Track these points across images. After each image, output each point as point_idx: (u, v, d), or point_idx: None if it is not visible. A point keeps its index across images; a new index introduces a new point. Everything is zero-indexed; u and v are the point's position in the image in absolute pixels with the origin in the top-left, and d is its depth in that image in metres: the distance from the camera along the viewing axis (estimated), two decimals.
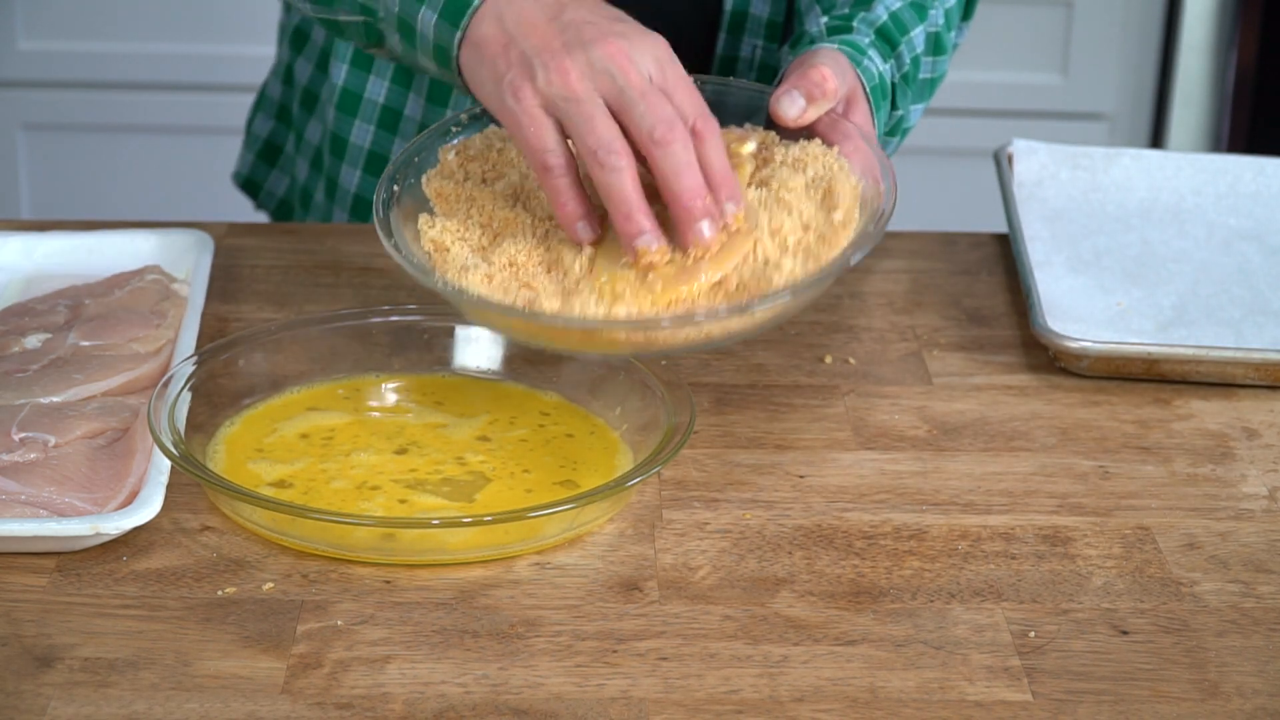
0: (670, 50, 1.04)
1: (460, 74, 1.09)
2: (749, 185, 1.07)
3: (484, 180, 1.10)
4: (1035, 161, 1.41)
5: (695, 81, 1.08)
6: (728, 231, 1.03)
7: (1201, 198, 1.39)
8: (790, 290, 1.01)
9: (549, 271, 1.04)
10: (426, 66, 1.11)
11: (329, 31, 1.22)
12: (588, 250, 1.04)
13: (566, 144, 1.03)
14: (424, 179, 1.10)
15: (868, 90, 1.15)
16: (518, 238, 1.05)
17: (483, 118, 1.13)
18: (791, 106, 1.08)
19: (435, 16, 1.07)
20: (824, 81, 1.09)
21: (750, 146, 1.09)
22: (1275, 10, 2.64)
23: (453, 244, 1.06)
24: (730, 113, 1.14)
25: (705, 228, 1.01)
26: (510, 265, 1.04)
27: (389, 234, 1.06)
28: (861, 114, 1.13)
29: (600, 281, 1.02)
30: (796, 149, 1.09)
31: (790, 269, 1.02)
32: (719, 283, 1.02)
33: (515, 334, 1.04)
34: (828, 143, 1.09)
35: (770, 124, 1.12)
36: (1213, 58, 2.69)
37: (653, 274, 1.02)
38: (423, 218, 1.08)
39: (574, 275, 1.03)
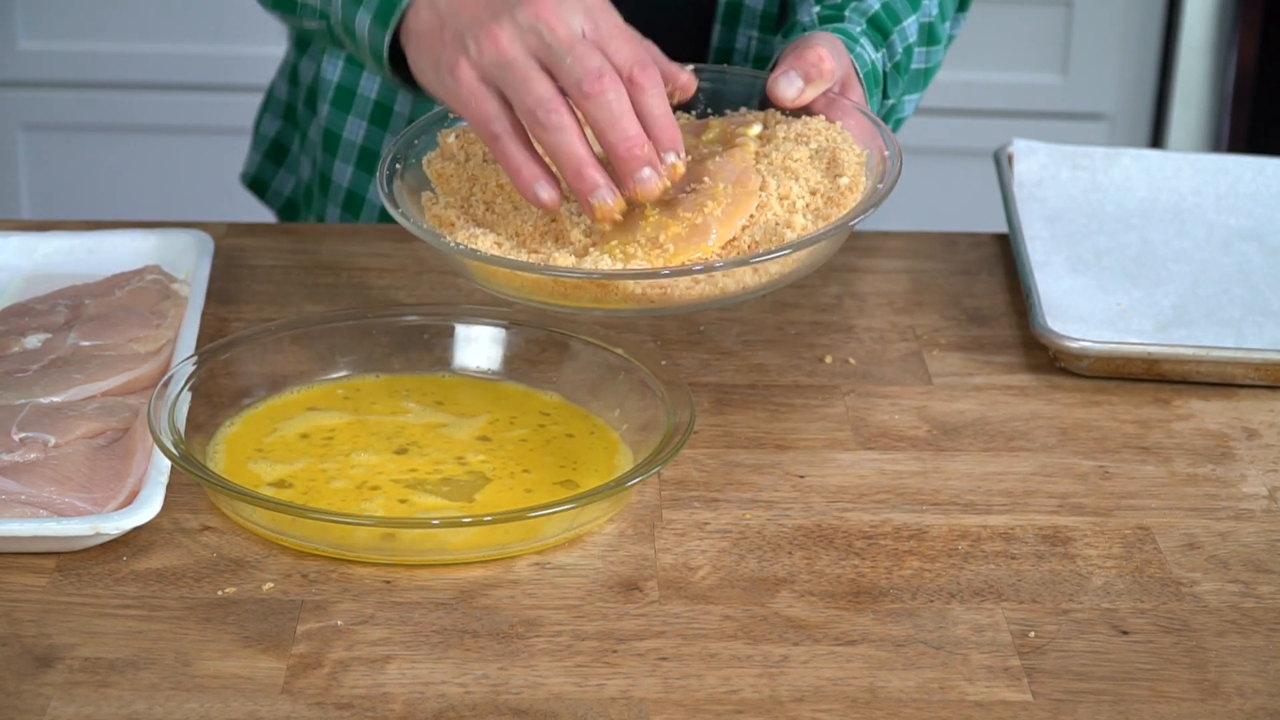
0: (605, 2, 1.04)
1: (397, 73, 1.09)
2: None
3: (485, 160, 1.11)
4: (1035, 161, 1.40)
5: (692, 71, 1.09)
6: (672, 179, 1.03)
7: (1201, 198, 1.39)
8: (799, 242, 1.01)
9: (556, 241, 1.05)
10: (374, 72, 1.12)
11: (298, 32, 1.23)
12: (592, 225, 1.04)
13: (510, 111, 1.02)
14: (425, 161, 1.12)
15: (861, 77, 1.16)
16: (522, 211, 1.06)
17: None
18: (789, 87, 1.09)
19: (370, 18, 1.08)
20: (820, 62, 1.10)
21: (756, 129, 1.10)
22: (1275, 10, 2.64)
23: (457, 219, 1.07)
24: (728, 100, 1.15)
25: (647, 175, 1.01)
26: (516, 236, 1.05)
27: (395, 204, 1.06)
28: (857, 94, 1.14)
29: (611, 244, 1.02)
30: (799, 124, 1.11)
31: (802, 225, 1.03)
32: (732, 242, 1.03)
33: (526, 293, 1.03)
34: (828, 120, 1.10)
35: (767, 107, 1.13)
36: (1213, 58, 2.69)
37: (663, 236, 1.02)
38: (426, 196, 1.09)
39: (581, 245, 1.04)
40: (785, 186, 1.06)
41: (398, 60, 1.10)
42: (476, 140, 1.12)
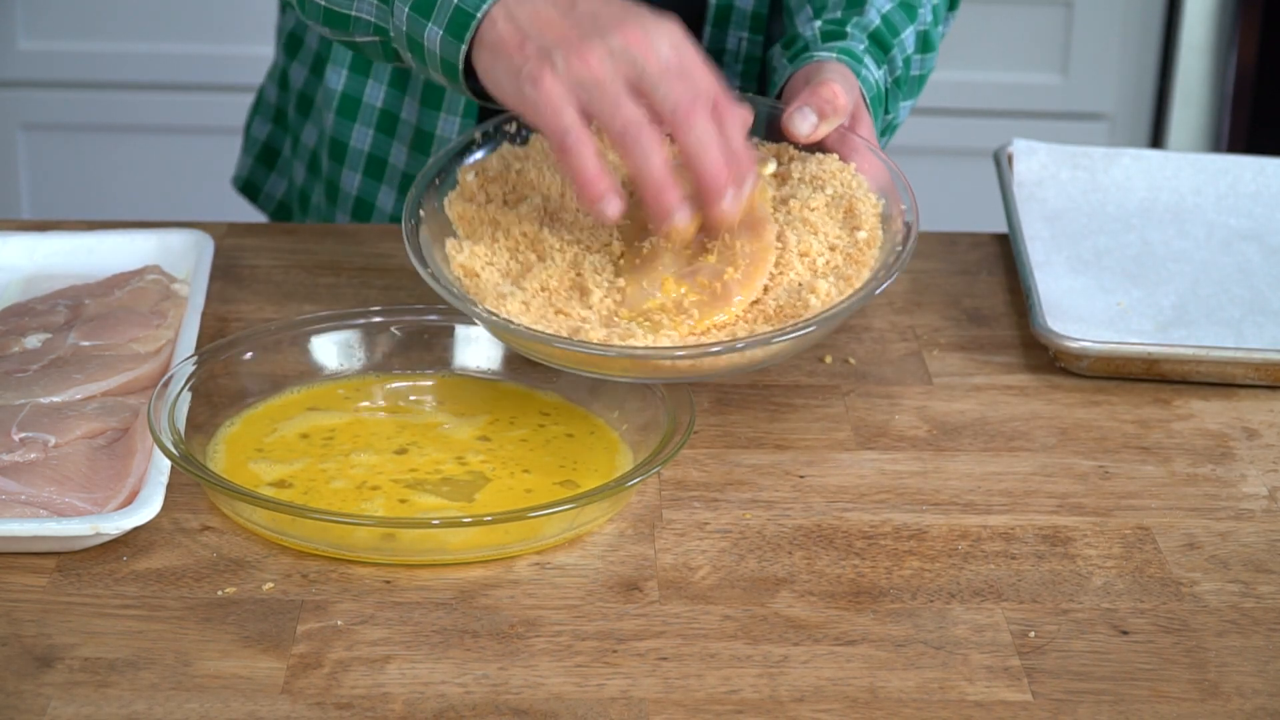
0: (684, 33, 1.06)
1: (470, 86, 1.09)
2: (770, 207, 1.10)
3: (505, 203, 1.12)
4: (1035, 161, 1.41)
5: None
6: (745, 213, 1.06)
7: (1201, 198, 1.39)
8: (825, 317, 1.03)
9: (582, 296, 1.07)
10: (438, 80, 1.12)
11: (350, 50, 1.22)
12: (618, 280, 1.07)
13: (587, 125, 1.04)
14: (445, 201, 1.12)
15: (868, 101, 1.17)
16: (546, 262, 1.08)
17: (497, 136, 1.15)
18: (804, 123, 1.12)
19: (441, 32, 1.08)
20: (835, 98, 1.12)
21: (770, 168, 1.12)
22: (1275, 10, 2.64)
23: (482, 269, 1.08)
24: None
25: (729, 201, 1.04)
26: (543, 290, 1.07)
27: (424, 263, 1.07)
28: (866, 127, 1.16)
29: (639, 316, 1.05)
30: (814, 164, 1.12)
31: (825, 290, 1.05)
32: (757, 304, 1.05)
33: (558, 362, 1.05)
34: (840, 158, 1.11)
35: (774, 137, 1.14)
36: (1213, 58, 2.69)
37: (687, 302, 1.05)
38: (450, 243, 1.10)
39: (604, 303, 1.06)
40: (805, 243, 1.07)
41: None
42: (495, 180, 1.13)
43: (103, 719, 0.87)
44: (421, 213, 1.11)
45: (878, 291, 1.05)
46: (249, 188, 1.59)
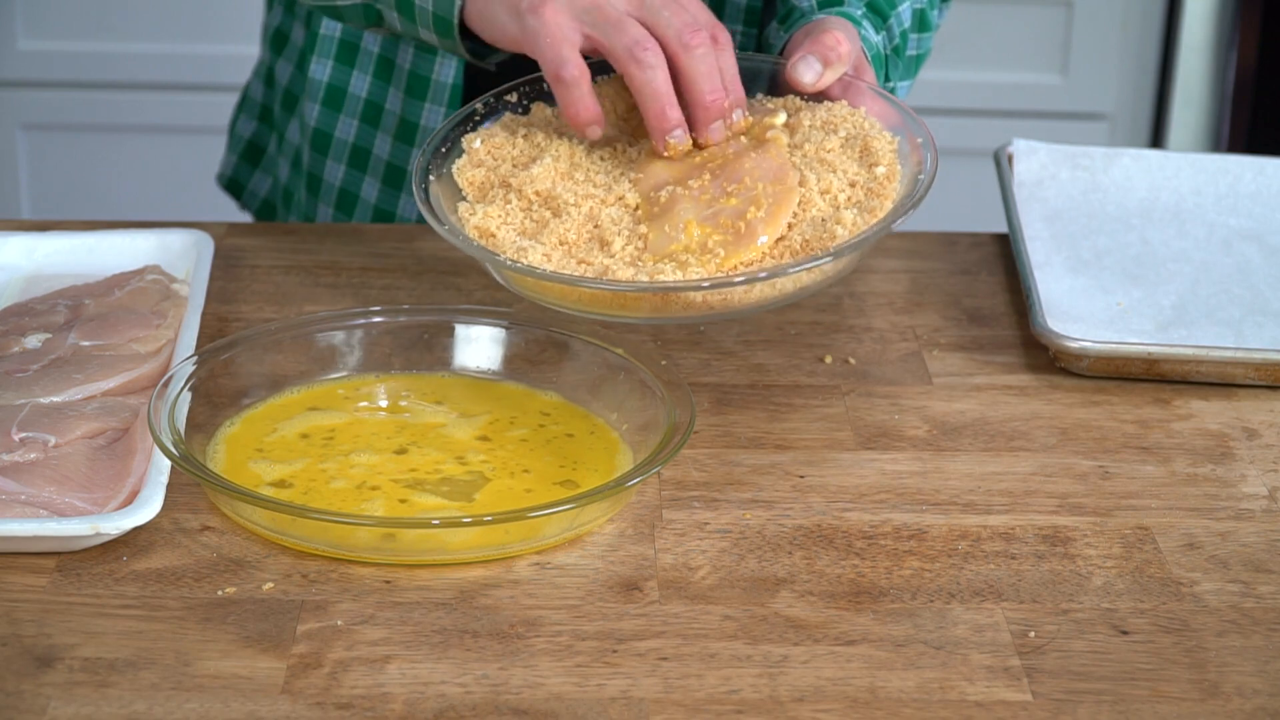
0: None
1: (463, 39, 1.10)
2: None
3: (515, 165, 1.12)
4: (1035, 161, 1.41)
5: None
6: (740, 137, 1.09)
7: (1201, 198, 1.39)
8: (852, 244, 1.04)
9: (603, 247, 1.06)
10: (427, 39, 1.13)
11: (328, 16, 1.23)
12: (638, 228, 1.07)
13: (583, 59, 1.07)
14: (455, 169, 1.12)
15: (869, 58, 1.17)
16: (563, 218, 1.07)
17: (499, 106, 1.15)
18: (808, 71, 1.12)
19: None
20: (837, 45, 1.12)
21: (781, 118, 1.12)
22: (1275, 10, 2.64)
23: (498, 229, 1.08)
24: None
25: (718, 128, 1.08)
26: (562, 244, 1.06)
27: (441, 221, 1.07)
28: (870, 77, 1.17)
29: (661, 257, 1.04)
30: (823, 111, 1.12)
31: (851, 220, 1.05)
32: (782, 241, 1.05)
33: (583, 306, 1.05)
34: (849, 104, 1.12)
35: (780, 91, 1.14)
36: (1213, 58, 2.69)
37: (712, 241, 1.05)
38: (463, 206, 1.09)
39: (626, 250, 1.06)
40: (825, 180, 1.08)
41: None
42: (504, 145, 1.13)
43: (103, 719, 0.87)
44: (431, 177, 1.11)
45: (903, 218, 1.05)
46: (233, 185, 1.59)
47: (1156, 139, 2.75)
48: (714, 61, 1.08)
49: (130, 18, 2.69)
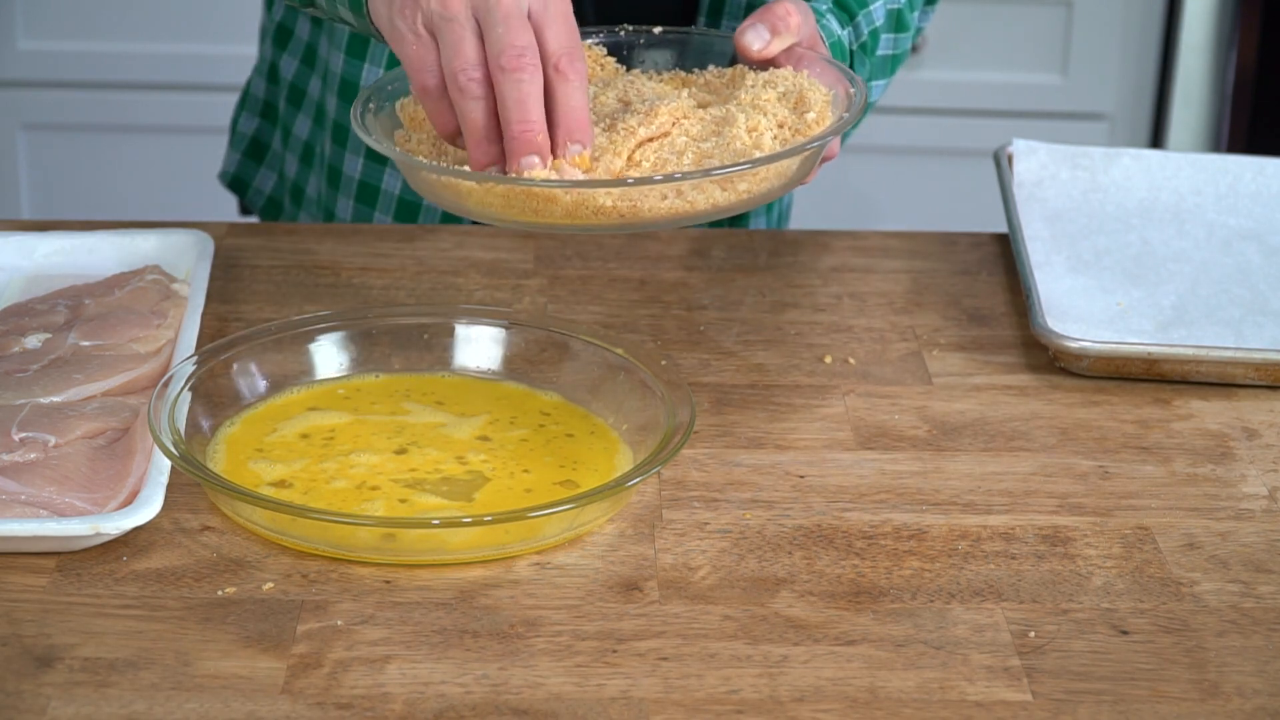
0: None
1: (372, 20, 1.10)
2: (725, 102, 1.10)
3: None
4: (1035, 161, 1.41)
5: (657, 33, 1.13)
6: (582, 167, 1.04)
7: (1201, 198, 1.39)
8: (767, 158, 1.02)
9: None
10: (346, 19, 1.13)
11: (285, 26, 1.23)
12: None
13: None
14: (398, 105, 1.13)
15: (826, 45, 1.17)
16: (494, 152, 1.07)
17: None
18: (756, 39, 1.12)
19: None
20: (787, 16, 1.12)
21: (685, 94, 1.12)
22: (1275, 10, 2.64)
23: (428, 153, 1.09)
24: (690, 57, 1.17)
25: (534, 161, 1.02)
26: (488, 170, 1.06)
27: (369, 132, 1.08)
28: (824, 51, 1.15)
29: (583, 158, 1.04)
30: (766, 74, 1.12)
31: (770, 147, 1.04)
32: (701, 164, 1.04)
33: (497, 211, 1.03)
34: (794, 70, 1.12)
35: (735, 63, 1.14)
36: (1213, 58, 2.69)
37: (598, 144, 1.04)
38: (398, 134, 1.10)
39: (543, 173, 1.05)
40: (753, 120, 1.07)
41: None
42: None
43: (103, 719, 0.87)
44: (371, 105, 1.11)
45: (821, 144, 1.04)
46: (236, 183, 1.59)
47: (1156, 139, 2.75)
48: (527, 90, 1.01)
49: (130, 18, 2.69)
